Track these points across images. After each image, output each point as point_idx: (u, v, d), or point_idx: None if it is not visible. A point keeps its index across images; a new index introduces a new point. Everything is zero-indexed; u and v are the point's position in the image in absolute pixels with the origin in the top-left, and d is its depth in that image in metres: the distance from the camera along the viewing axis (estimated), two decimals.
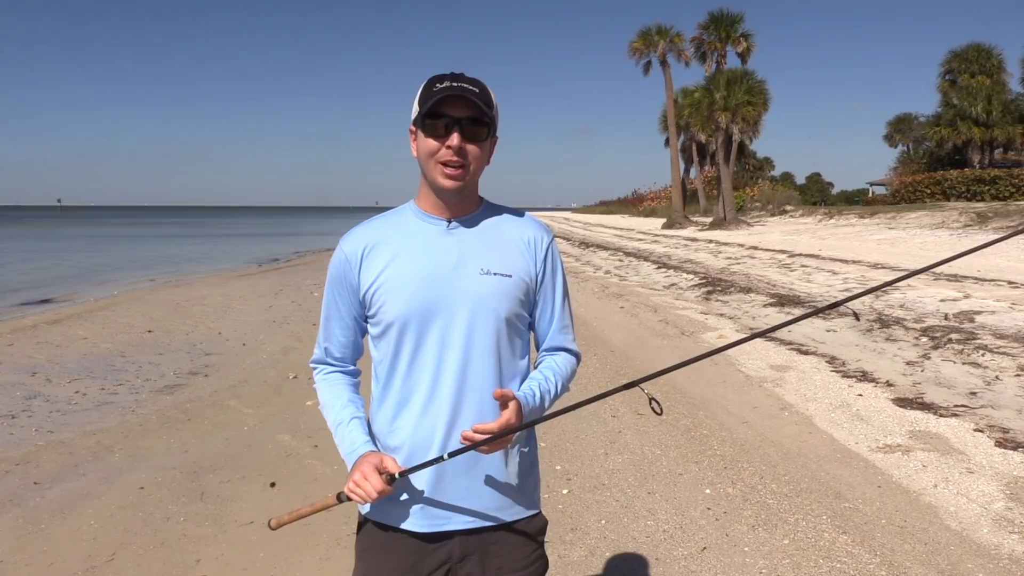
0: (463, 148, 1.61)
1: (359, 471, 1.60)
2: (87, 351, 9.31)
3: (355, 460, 1.65)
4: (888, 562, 3.47)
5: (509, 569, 1.71)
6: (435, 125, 1.60)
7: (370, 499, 1.58)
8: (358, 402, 1.78)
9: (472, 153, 1.63)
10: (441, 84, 1.61)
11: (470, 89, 1.60)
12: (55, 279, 21.21)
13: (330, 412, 1.76)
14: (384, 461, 1.62)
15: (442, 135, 1.60)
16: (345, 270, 1.71)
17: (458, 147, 1.60)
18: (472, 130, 1.61)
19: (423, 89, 1.64)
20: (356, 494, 1.59)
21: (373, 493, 1.57)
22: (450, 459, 1.59)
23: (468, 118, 1.60)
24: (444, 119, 1.60)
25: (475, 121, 1.61)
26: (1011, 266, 14.15)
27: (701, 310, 11.54)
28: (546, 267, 1.75)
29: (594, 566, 3.55)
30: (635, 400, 6.44)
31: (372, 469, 1.59)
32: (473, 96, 1.59)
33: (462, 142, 1.60)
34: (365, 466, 1.60)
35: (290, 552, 3.71)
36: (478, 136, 1.63)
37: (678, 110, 41.58)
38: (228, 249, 38.91)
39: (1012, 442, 4.96)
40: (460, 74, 1.64)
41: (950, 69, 42.31)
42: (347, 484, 1.62)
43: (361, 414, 1.75)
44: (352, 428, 1.71)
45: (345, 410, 1.74)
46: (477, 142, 1.63)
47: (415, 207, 1.73)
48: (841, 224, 28.89)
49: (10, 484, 4.76)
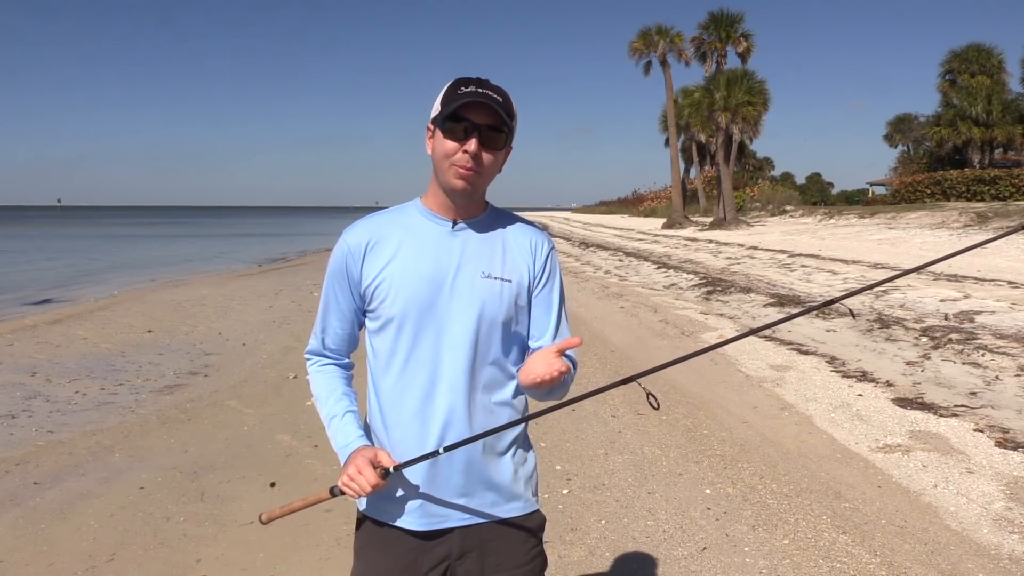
0: (479, 154, 1.62)
1: (353, 464, 1.60)
2: (87, 351, 9.31)
3: (349, 454, 1.65)
4: (888, 562, 3.47)
5: (508, 566, 1.71)
6: (455, 128, 1.61)
7: (364, 493, 1.58)
8: (352, 396, 1.78)
9: (487, 160, 1.64)
10: (467, 88, 1.62)
11: (494, 97, 1.61)
12: (55, 279, 21.21)
13: (324, 405, 1.76)
14: (378, 455, 1.62)
15: (461, 139, 1.61)
16: (348, 262, 1.71)
17: (475, 152, 1.61)
18: (491, 137, 1.62)
19: (447, 90, 1.65)
20: (350, 488, 1.59)
21: (367, 487, 1.57)
22: (445, 454, 1.61)
23: (488, 125, 1.61)
24: (464, 123, 1.60)
25: (494, 129, 1.62)
26: (1011, 266, 14.16)
27: (701, 310, 11.54)
28: (544, 273, 1.76)
29: (594, 566, 3.55)
30: (635, 400, 6.43)
31: (366, 463, 1.59)
32: (496, 104, 1.60)
33: (479, 148, 1.61)
34: (359, 460, 1.60)
35: (290, 552, 3.71)
36: (496, 144, 1.64)
37: (678, 110, 41.58)
38: (228, 249, 38.91)
39: (1012, 442, 4.96)
40: (486, 80, 1.65)
41: (950, 69, 42.32)
42: (341, 478, 1.61)
43: (355, 408, 1.75)
44: (346, 422, 1.71)
45: (339, 404, 1.74)
46: (494, 150, 1.64)
47: (421, 206, 1.74)
48: (841, 224, 28.89)
49: (10, 484, 4.76)
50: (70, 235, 58.24)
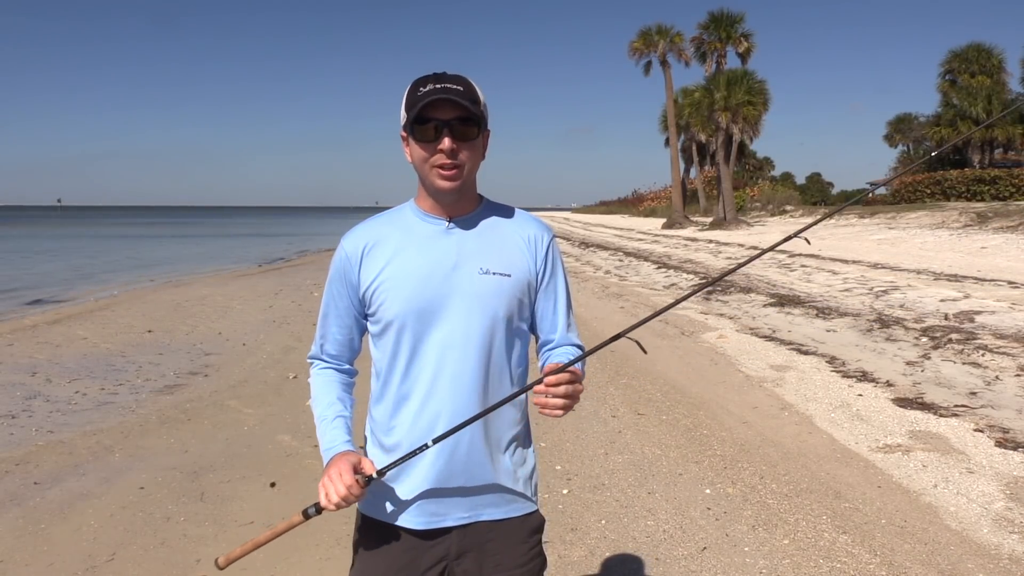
0: (455, 150, 1.60)
1: (334, 467, 1.59)
2: (87, 351, 9.31)
3: (331, 457, 1.64)
4: (888, 562, 3.47)
5: (506, 566, 1.71)
6: (424, 130, 1.60)
7: (339, 497, 1.54)
8: (347, 401, 1.77)
9: (465, 153, 1.62)
10: (424, 87, 1.59)
11: (454, 89, 1.59)
12: (55, 279, 21.20)
13: (317, 407, 1.76)
14: (362, 462, 1.61)
15: (432, 139, 1.60)
16: (345, 268, 1.71)
17: (450, 149, 1.59)
18: (462, 130, 1.61)
19: (408, 94, 1.62)
20: (326, 490, 1.56)
21: (342, 490, 1.54)
22: (434, 445, 1.59)
23: (456, 119, 1.59)
24: (432, 123, 1.59)
25: (464, 121, 1.60)
26: (1011, 266, 14.17)
27: (701, 310, 11.54)
28: (547, 265, 1.75)
29: (594, 566, 3.55)
30: (635, 400, 6.44)
31: (348, 467, 1.58)
32: (458, 96, 1.58)
33: (453, 143, 1.60)
34: (342, 463, 1.59)
35: (290, 552, 3.71)
36: (469, 135, 1.62)
37: (678, 110, 41.58)
38: (228, 249, 38.90)
39: (1012, 442, 4.96)
40: (442, 74, 1.62)
41: (950, 69, 42.28)
42: (321, 479, 1.59)
43: (347, 414, 1.74)
44: (335, 426, 1.70)
45: (331, 408, 1.73)
46: (468, 141, 1.62)
47: (415, 207, 1.73)
48: (841, 224, 28.87)
49: (10, 484, 4.76)
50: (70, 235, 58.22)
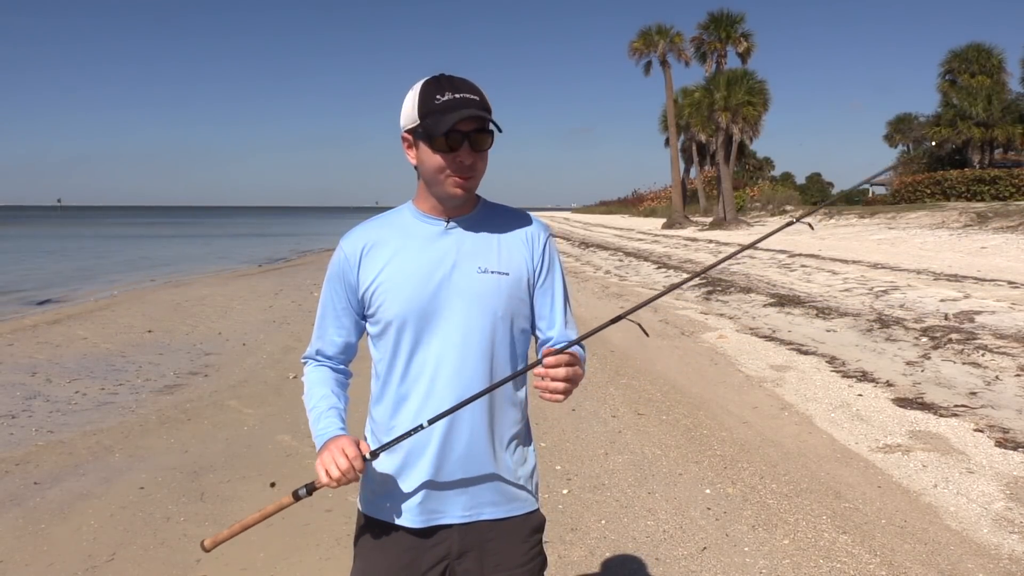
0: (474, 161, 1.61)
1: (335, 444, 1.58)
2: (87, 351, 9.31)
3: (325, 441, 1.63)
4: (888, 562, 3.47)
5: (507, 566, 1.71)
6: (445, 141, 1.58)
7: (339, 472, 1.54)
8: (340, 396, 1.76)
9: (480, 162, 1.64)
10: (443, 96, 1.58)
11: (473, 100, 1.58)
12: (55, 279, 21.20)
13: (309, 399, 1.75)
14: (360, 444, 1.61)
15: (452, 150, 1.59)
16: (344, 269, 1.71)
17: (472, 163, 1.60)
18: (479, 140, 1.61)
19: (421, 98, 1.60)
20: (326, 466, 1.55)
21: (344, 463, 1.54)
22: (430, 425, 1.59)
23: (475, 131, 1.60)
24: (454, 135, 1.58)
25: (481, 132, 1.61)
26: (1011, 266, 14.18)
27: (701, 310, 11.54)
28: (544, 263, 1.75)
29: (594, 566, 3.55)
30: (635, 400, 6.44)
31: (351, 443, 1.58)
32: (476, 107, 1.58)
33: (473, 155, 1.61)
34: (342, 440, 1.59)
35: (290, 552, 3.71)
36: (485, 144, 1.63)
37: (678, 110, 41.58)
38: (228, 249, 38.90)
39: (1012, 442, 4.96)
40: (454, 80, 1.61)
41: (950, 69, 42.27)
42: (316, 462, 1.58)
43: (341, 405, 1.73)
44: (329, 415, 1.69)
45: (325, 400, 1.73)
46: (484, 150, 1.64)
47: (413, 208, 1.73)
48: (841, 224, 28.87)
49: (10, 484, 4.76)
50: (70, 235, 58.25)
